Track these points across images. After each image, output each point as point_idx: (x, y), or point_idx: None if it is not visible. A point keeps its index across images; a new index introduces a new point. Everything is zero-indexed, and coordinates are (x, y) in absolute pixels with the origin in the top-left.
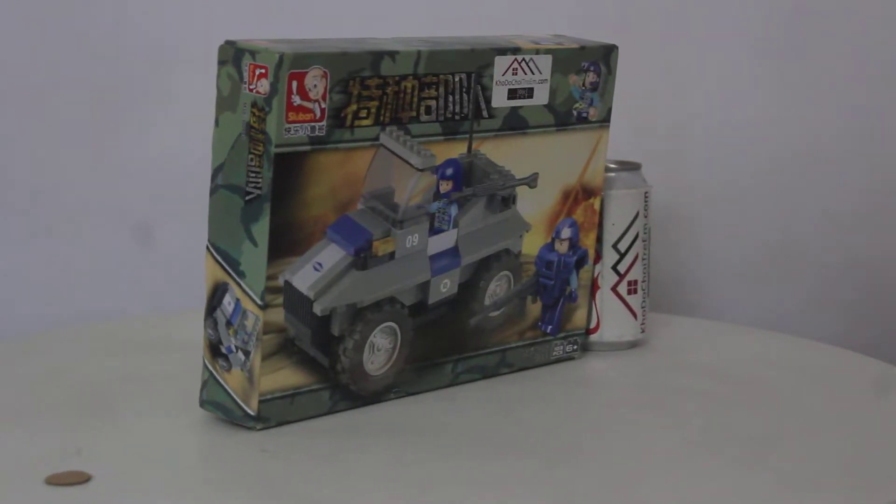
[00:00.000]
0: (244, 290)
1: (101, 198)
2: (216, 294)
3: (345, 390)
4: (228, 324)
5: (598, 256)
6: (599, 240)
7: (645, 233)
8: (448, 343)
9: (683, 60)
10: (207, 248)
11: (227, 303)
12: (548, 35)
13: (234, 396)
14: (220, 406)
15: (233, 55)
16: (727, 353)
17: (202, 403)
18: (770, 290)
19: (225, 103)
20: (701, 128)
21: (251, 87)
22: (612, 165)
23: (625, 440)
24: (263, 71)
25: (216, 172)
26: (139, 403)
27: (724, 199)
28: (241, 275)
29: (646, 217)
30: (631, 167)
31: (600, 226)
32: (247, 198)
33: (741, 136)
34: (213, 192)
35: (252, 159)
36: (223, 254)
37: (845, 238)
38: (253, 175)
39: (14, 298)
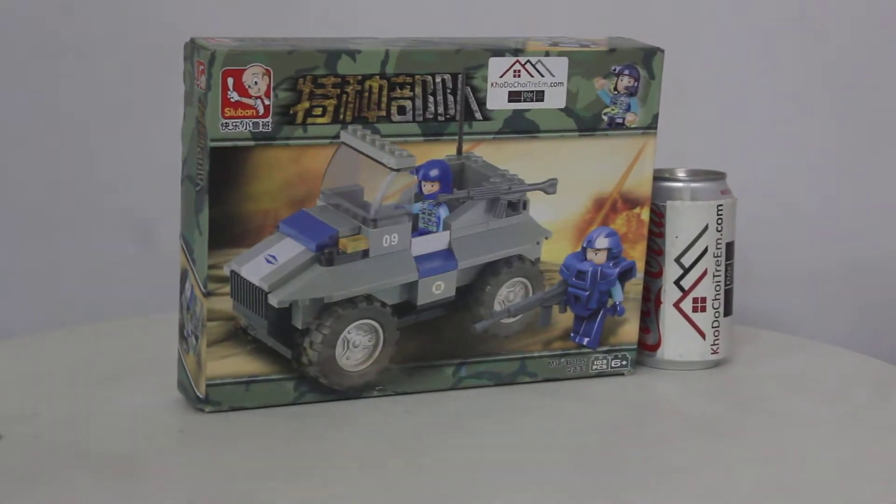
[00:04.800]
0: (195, 277)
1: (100, 198)
2: (181, 279)
3: (314, 383)
4: (187, 308)
5: (661, 270)
6: (661, 253)
7: (718, 248)
8: (447, 346)
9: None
10: (180, 236)
11: (187, 288)
12: (600, 38)
13: (190, 378)
14: (183, 387)
15: (190, 51)
16: (782, 378)
17: (177, 384)
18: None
19: (187, 98)
20: None
21: (197, 82)
22: (683, 175)
23: (528, 459)
24: (202, 67)
25: (183, 164)
26: (140, 382)
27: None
28: (194, 262)
29: (720, 231)
30: (708, 177)
31: (662, 238)
32: (196, 188)
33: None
34: (181, 182)
35: (199, 152)
36: (186, 242)
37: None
38: (199, 167)
39: (13, 298)
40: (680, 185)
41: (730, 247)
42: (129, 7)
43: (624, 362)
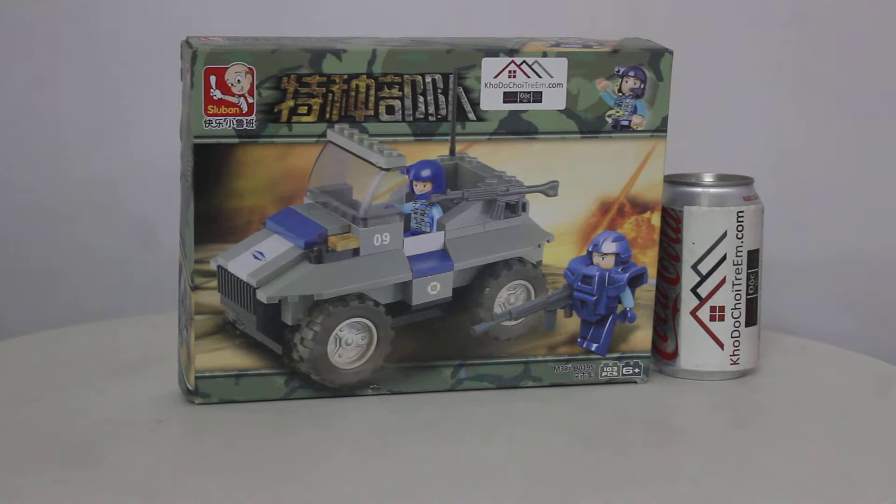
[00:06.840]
0: (186, 271)
1: (100, 198)
2: (178, 274)
3: (305, 379)
4: (181, 302)
5: (678, 276)
6: (678, 259)
7: (739, 255)
8: (445, 347)
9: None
10: (179, 233)
11: (181, 282)
12: (611, 39)
13: (182, 370)
14: (180, 378)
15: (184, 51)
16: (796, 390)
17: (178, 378)
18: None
19: (183, 96)
20: None
21: (186, 80)
22: (709, 179)
23: (493, 464)
24: (188, 66)
25: (181, 161)
26: (138, 378)
27: None
28: (185, 256)
29: (740, 239)
30: (731, 182)
31: (680, 244)
32: (186, 184)
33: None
34: (180, 179)
35: (187, 149)
36: (181, 237)
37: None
38: (188, 163)
39: (13, 298)
40: (698, 189)
41: (753, 255)
42: (130, 6)
43: (637, 370)
